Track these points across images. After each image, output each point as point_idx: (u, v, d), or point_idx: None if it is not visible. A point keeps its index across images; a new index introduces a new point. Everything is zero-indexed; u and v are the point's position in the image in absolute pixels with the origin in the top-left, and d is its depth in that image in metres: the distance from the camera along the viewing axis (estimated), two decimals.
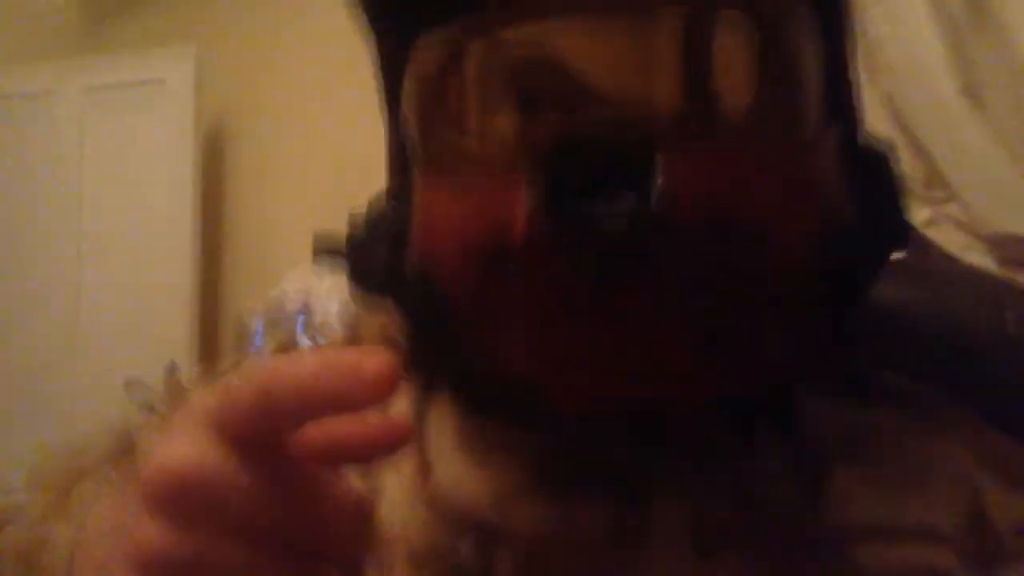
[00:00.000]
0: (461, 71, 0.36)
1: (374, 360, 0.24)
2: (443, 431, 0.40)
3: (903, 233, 0.40)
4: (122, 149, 2.40)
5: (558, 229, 0.31)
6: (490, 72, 0.35)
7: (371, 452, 0.25)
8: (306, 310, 1.80)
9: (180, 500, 0.25)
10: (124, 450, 0.44)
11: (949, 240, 1.39)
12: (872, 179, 0.39)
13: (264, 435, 0.25)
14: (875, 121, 1.43)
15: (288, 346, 0.47)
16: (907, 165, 1.45)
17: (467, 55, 0.35)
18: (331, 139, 2.34)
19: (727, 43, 0.34)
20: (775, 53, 0.35)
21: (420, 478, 0.38)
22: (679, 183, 0.30)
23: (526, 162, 0.32)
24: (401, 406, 0.42)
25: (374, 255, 0.41)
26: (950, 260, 0.63)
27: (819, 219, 0.36)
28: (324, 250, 2.00)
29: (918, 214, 1.40)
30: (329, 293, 1.83)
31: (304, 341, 1.75)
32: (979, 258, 1.41)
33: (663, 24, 0.33)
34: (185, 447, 0.25)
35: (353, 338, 0.48)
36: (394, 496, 0.38)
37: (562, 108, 0.33)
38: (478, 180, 0.35)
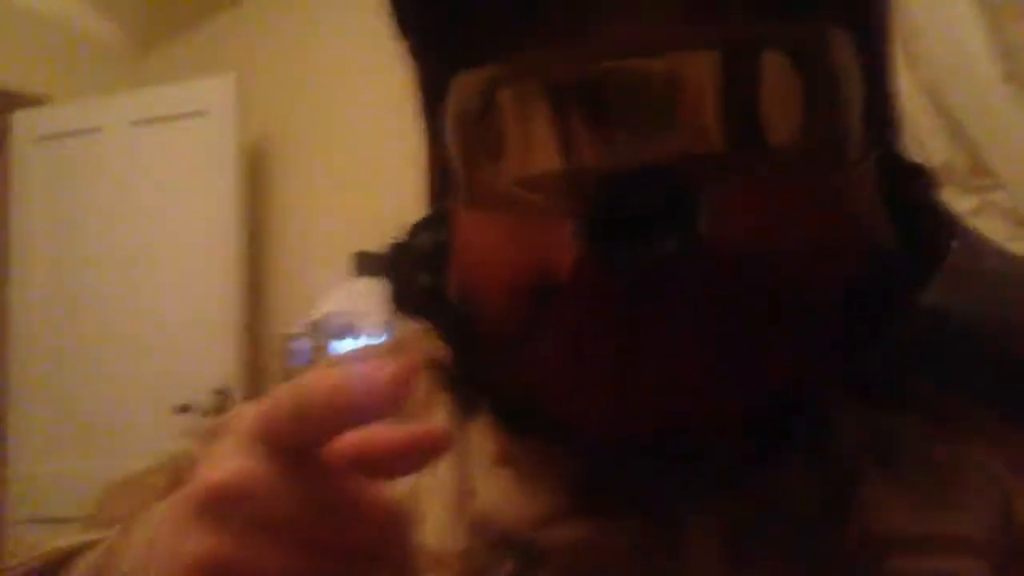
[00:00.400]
0: (500, 111, 0.36)
1: (389, 366, 0.25)
2: (484, 452, 0.40)
3: (943, 249, 0.39)
4: (168, 178, 2.47)
5: (604, 267, 0.31)
6: (531, 113, 0.35)
7: (404, 460, 0.26)
8: (349, 329, 1.82)
9: (225, 507, 0.26)
10: (180, 480, 0.45)
11: (995, 229, 1.36)
12: (911, 196, 0.39)
13: (301, 444, 0.26)
14: (916, 111, 1.41)
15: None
16: (951, 154, 1.42)
17: (506, 96, 0.36)
18: (370, 161, 2.37)
19: (768, 82, 0.34)
20: (816, 88, 0.34)
21: (462, 500, 0.39)
22: (721, 222, 0.31)
23: (571, 202, 0.32)
24: (442, 423, 0.42)
25: (413, 280, 0.42)
26: (1001, 256, 0.60)
27: (858, 244, 0.36)
28: (366, 269, 2.03)
29: (963, 203, 1.37)
30: (371, 312, 1.85)
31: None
32: None
33: (704, 66, 0.33)
34: (229, 459, 0.27)
35: (397, 355, 0.48)
36: (438, 517, 0.38)
37: (606, 148, 0.34)
38: (521, 218, 0.35)
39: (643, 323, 0.33)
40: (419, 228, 0.43)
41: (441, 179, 0.41)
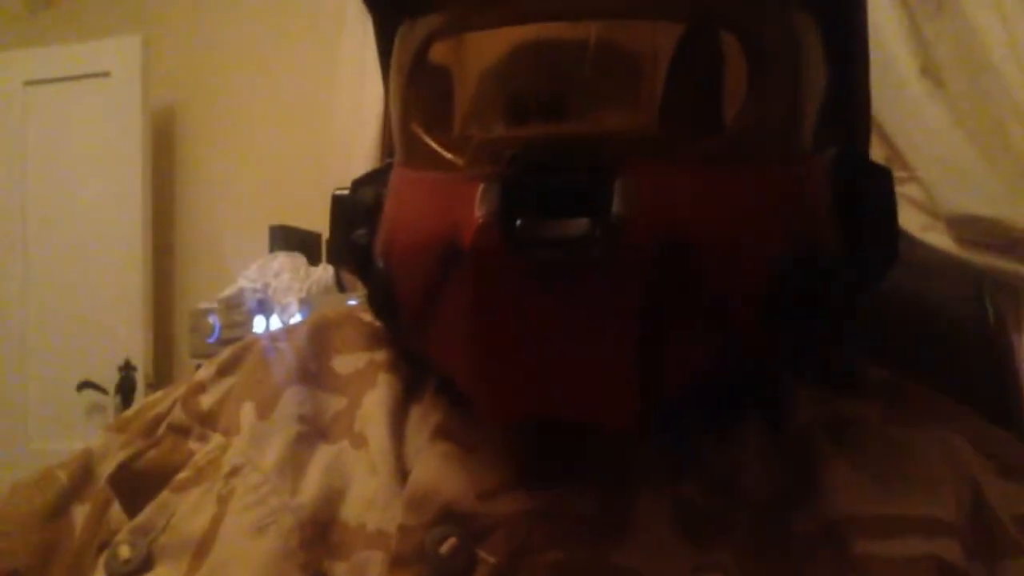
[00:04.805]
0: (431, 69, 0.35)
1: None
2: (423, 430, 0.39)
3: (893, 253, 0.39)
4: (67, 143, 2.33)
5: (506, 240, 0.30)
6: (462, 71, 0.34)
7: None
8: (264, 305, 1.76)
9: None
10: (88, 476, 0.43)
11: (908, 220, 1.41)
12: (867, 198, 0.39)
13: None
14: None
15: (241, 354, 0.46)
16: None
17: (436, 54, 0.35)
18: (282, 129, 2.29)
19: (707, 62, 0.33)
20: (758, 73, 0.33)
21: (397, 478, 0.37)
22: (633, 208, 0.30)
23: (485, 168, 0.31)
24: (379, 400, 0.40)
25: (350, 234, 0.41)
26: (925, 247, 0.63)
27: (792, 240, 0.35)
28: (282, 243, 1.96)
29: None
30: (286, 288, 1.79)
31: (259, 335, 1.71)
32: (938, 238, 1.43)
33: (640, 37, 0.32)
34: None
35: (320, 329, 0.46)
36: (369, 494, 0.37)
37: (529, 116, 0.33)
38: (443, 179, 0.34)
39: (539, 303, 0.32)
40: (363, 182, 0.42)
41: (391, 137, 0.41)
